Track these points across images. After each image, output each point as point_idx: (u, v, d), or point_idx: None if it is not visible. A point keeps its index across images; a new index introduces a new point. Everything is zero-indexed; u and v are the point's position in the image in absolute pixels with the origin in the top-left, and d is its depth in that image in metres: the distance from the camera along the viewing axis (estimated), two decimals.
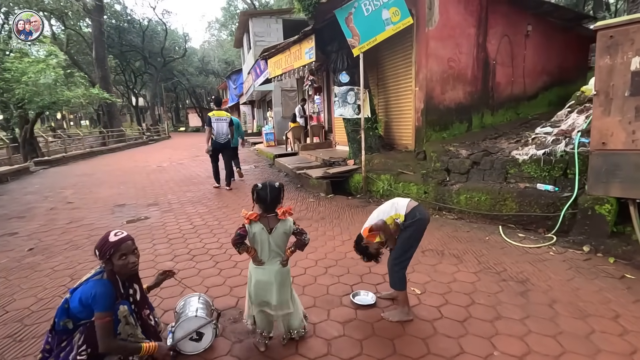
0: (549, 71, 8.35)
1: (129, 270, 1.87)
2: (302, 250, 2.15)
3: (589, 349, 2.01)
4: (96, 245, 1.83)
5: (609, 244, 3.26)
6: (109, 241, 1.80)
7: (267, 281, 2.04)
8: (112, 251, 1.79)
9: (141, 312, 1.98)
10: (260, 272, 2.06)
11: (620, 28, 3.01)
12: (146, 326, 1.99)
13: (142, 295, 2.04)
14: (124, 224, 4.91)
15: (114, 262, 1.81)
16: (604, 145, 3.22)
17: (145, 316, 2.01)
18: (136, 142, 22.67)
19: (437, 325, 2.29)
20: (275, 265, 2.07)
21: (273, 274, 2.05)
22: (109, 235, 1.84)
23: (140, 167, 11.30)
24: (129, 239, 1.87)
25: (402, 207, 2.29)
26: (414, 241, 2.31)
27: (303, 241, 2.10)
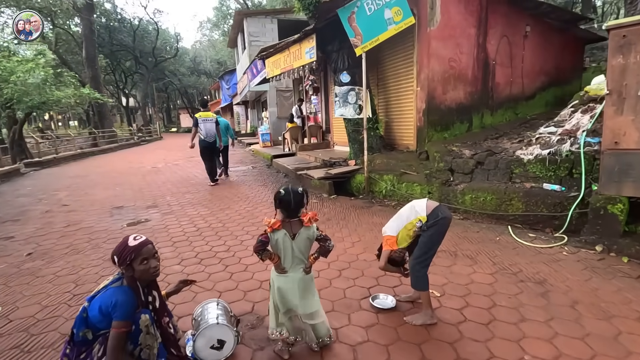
0: (546, 72, 8.43)
1: (151, 275, 1.78)
2: (325, 257, 2.07)
3: (619, 351, 1.98)
4: (114, 251, 1.73)
5: (621, 244, 3.27)
6: (129, 246, 1.71)
7: (290, 289, 1.97)
8: (132, 256, 1.70)
9: (160, 320, 1.89)
10: (283, 279, 1.99)
11: (633, 27, 3.01)
12: (165, 334, 1.90)
13: (161, 302, 1.95)
14: (124, 227, 4.78)
15: (135, 267, 1.72)
16: (617, 144, 3.23)
17: (165, 324, 1.92)
18: (128, 143, 22.30)
19: (462, 329, 2.25)
20: (298, 272, 1.99)
21: (296, 282, 1.98)
22: (128, 239, 1.75)
23: (135, 168, 11.09)
24: (149, 243, 1.79)
25: (422, 209, 2.24)
26: (436, 241, 2.26)
27: (327, 248, 2.03)
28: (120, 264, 1.71)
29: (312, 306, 2.01)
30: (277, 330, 2.03)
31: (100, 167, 11.65)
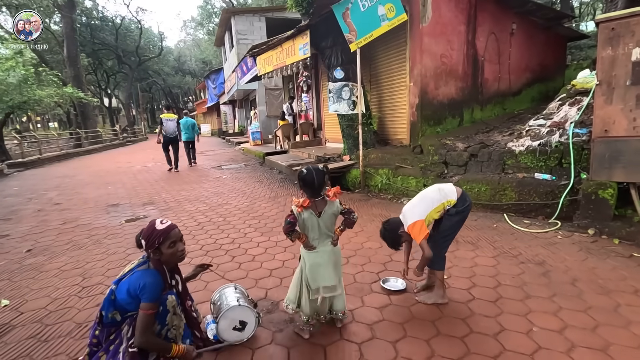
0: (532, 68, 8.71)
1: (178, 258, 1.81)
2: (351, 228, 2.14)
3: (621, 320, 2.11)
4: (142, 235, 1.75)
5: (612, 227, 3.44)
6: (157, 229, 1.73)
7: (322, 263, 2.04)
8: (161, 239, 1.72)
9: (184, 303, 1.92)
10: (314, 255, 2.05)
11: (621, 20, 3.18)
12: (189, 317, 1.93)
13: (184, 286, 1.98)
14: (123, 223, 4.72)
15: (163, 250, 1.74)
16: (607, 132, 3.40)
17: (188, 307, 1.95)
18: (113, 144, 21.82)
19: (472, 306, 2.35)
20: (327, 246, 2.07)
21: (327, 255, 2.05)
22: (155, 223, 1.77)
23: (124, 167, 10.90)
24: (175, 227, 1.81)
25: (452, 192, 2.30)
26: (460, 226, 2.37)
27: (352, 219, 2.10)
28: (149, 247, 1.72)
29: (337, 278, 2.10)
30: (289, 306, 2.11)
31: (88, 167, 11.40)
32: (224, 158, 12.41)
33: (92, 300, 2.63)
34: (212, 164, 10.73)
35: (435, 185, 2.41)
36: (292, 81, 12.42)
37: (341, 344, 2.04)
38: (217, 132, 30.69)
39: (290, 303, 2.14)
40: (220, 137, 27.29)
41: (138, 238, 1.78)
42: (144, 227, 1.78)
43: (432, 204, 2.27)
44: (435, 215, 2.28)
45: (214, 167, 10.16)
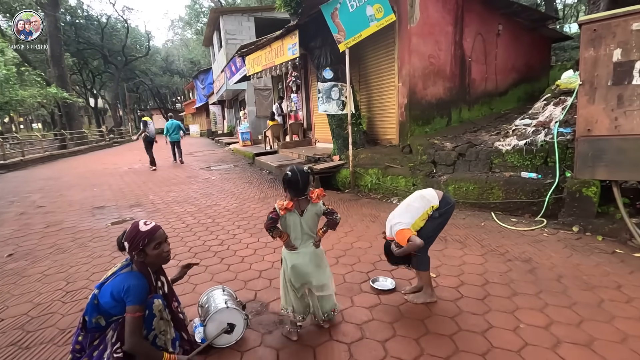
0: (518, 69, 8.85)
1: (163, 259, 1.79)
2: (334, 229, 2.14)
3: (605, 316, 2.15)
4: (125, 237, 1.71)
5: (596, 224, 3.51)
6: (142, 231, 1.70)
7: (302, 264, 2.02)
8: (146, 241, 1.69)
9: (171, 304, 1.89)
10: (295, 256, 2.04)
11: (603, 22, 3.25)
12: (176, 319, 1.90)
13: (170, 287, 1.95)
14: (109, 226, 4.63)
15: (149, 252, 1.71)
16: (590, 131, 3.47)
17: (175, 308, 1.91)
18: (99, 145, 21.43)
19: (461, 304, 2.36)
20: (309, 247, 2.06)
21: (308, 256, 2.04)
22: (139, 225, 1.74)
23: (111, 169, 10.71)
24: (160, 227, 1.79)
25: (434, 197, 2.32)
26: (442, 227, 2.38)
27: (334, 220, 2.10)
28: (133, 249, 1.69)
29: (323, 278, 2.08)
30: (289, 309, 2.08)
31: (74, 169, 11.17)
32: (213, 159, 12.30)
33: (76, 305, 2.56)
34: (201, 165, 10.62)
35: (417, 193, 2.42)
36: (281, 81, 12.38)
37: (330, 344, 2.03)
38: (206, 132, 30.40)
39: (287, 306, 2.10)
40: (209, 137, 27.06)
41: (120, 240, 1.74)
42: (127, 229, 1.74)
43: (417, 212, 2.28)
44: (421, 223, 2.30)
45: (203, 168, 10.06)
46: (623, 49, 3.19)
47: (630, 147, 3.26)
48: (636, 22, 3.08)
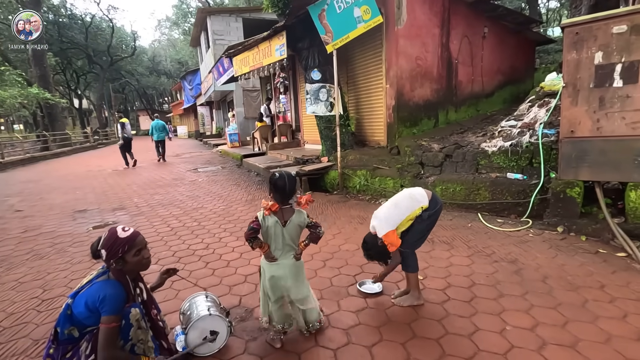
0: (503, 71, 8.98)
1: (143, 266, 1.73)
2: (316, 243, 2.08)
3: (589, 316, 2.17)
4: (102, 245, 1.64)
5: (580, 224, 3.56)
6: (121, 237, 1.64)
7: (281, 276, 1.97)
8: (125, 248, 1.63)
9: (150, 312, 1.82)
10: (274, 267, 1.99)
11: (585, 25, 3.30)
12: (156, 327, 1.83)
13: (149, 294, 1.88)
14: (91, 230, 4.50)
15: (128, 259, 1.65)
16: (573, 133, 3.51)
17: (154, 316, 1.85)
18: (83, 147, 20.95)
19: (447, 307, 2.35)
20: (289, 259, 2.01)
21: (287, 268, 1.99)
22: (117, 231, 1.67)
23: (95, 171, 10.46)
24: (139, 233, 1.72)
25: (423, 197, 2.29)
26: (430, 228, 2.36)
27: (317, 234, 2.04)
28: (111, 257, 1.62)
29: (302, 292, 2.03)
30: (263, 319, 2.04)
31: (56, 172, 10.87)
32: (201, 160, 12.15)
33: (52, 315, 2.46)
34: (188, 167, 10.47)
35: (406, 192, 2.38)
36: (269, 82, 12.30)
37: (316, 350, 1.99)
38: (194, 134, 30.05)
39: (263, 315, 2.07)
40: (197, 139, 26.74)
41: (95, 248, 1.66)
42: (104, 236, 1.67)
43: (405, 212, 2.25)
44: (407, 223, 2.28)
45: (190, 170, 9.91)
46: (604, 51, 3.24)
47: (612, 149, 3.31)
48: (616, 26, 3.14)
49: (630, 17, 3.07)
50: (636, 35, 3.06)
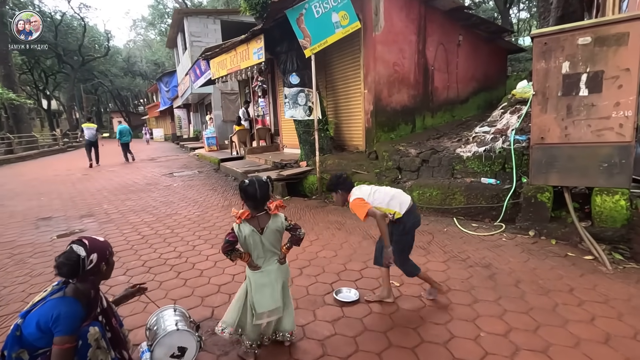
0: (477, 78, 9.24)
1: (110, 272, 1.72)
2: (298, 245, 2.04)
3: (559, 320, 2.21)
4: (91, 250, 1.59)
5: (550, 228, 3.67)
6: (103, 241, 1.67)
7: (267, 283, 1.91)
8: (110, 250, 1.66)
9: (110, 321, 1.73)
10: (259, 275, 1.92)
11: (552, 36, 3.41)
12: (117, 338, 1.75)
13: (108, 303, 1.79)
14: (54, 239, 4.26)
15: (111, 263, 1.68)
16: (543, 139, 3.62)
17: (115, 325, 1.75)
18: (52, 150, 20.01)
19: (423, 314, 2.35)
20: (273, 265, 1.95)
21: (273, 274, 1.94)
22: (95, 237, 1.66)
23: (63, 176, 9.98)
24: None
25: (401, 206, 2.35)
26: (411, 239, 2.47)
27: (298, 236, 2.00)
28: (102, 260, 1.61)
29: (287, 296, 2.00)
30: (227, 329, 1.96)
31: (20, 176, 10.30)
32: (177, 165, 11.83)
33: (6, 334, 2.28)
34: (163, 171, 10.16)
35: (396, 191, 2.46)
36: (248, 85, 12.16)
37: None
38: (170, 137, 29.32)
39: (226, 327, 1.97)
40: (174, 142, 26.10)
41: (76, 260, 1.54)
42: (87, 242, 1.60)
43: (383, 203, 2.32)
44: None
45: (164, 174, 9.62)
46: (571, 61, 3.36)
47: (579, 155, 3.43)
48: (581, 37, 3.26)
49: (593, 30, 3.20)
50: (600, 46, 3.19)
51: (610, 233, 3.31)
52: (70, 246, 1.60)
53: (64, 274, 1.55)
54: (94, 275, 1.62)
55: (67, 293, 1.55)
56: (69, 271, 1.55)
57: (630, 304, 2.34)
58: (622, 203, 3.28)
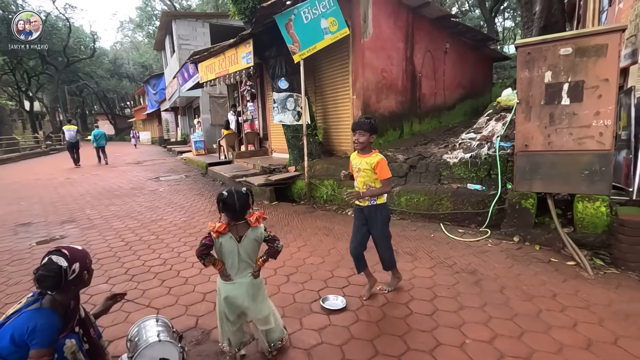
0: (464, 85, 9.41)
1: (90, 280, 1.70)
2: (274, 258, 2.01)
3: (542, 326, 2.24)
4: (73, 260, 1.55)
5: (534, 234, 3.73)
6: (82, 249, 1.63)
7: (237, 296, 1.87)
8: (89, 258, 1.63)
9: (88, 331, 1.68)
10: (230, 287, 1.89)
11: (535, 46, 3.50)
12: (95, 350, 1.70)
13: (86, 312, 1.74)
14: (34, 246, 4.13)
15: (90, 271, 1.64)
16: (527, 147, 3.69)
17: (93, 335, 1.70)
18: (34, 152, 19.50)
19: (410, 321, 2.34)
20: (246, 277, 1.91)
21: (244, 287, 1.89)
22: (74, 247, 1.62)
23: (45, 180, 9.71)
24: None
25: None
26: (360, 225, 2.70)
27: (276, 248, 1.96)
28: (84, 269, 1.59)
29: (263, 310, 1.94)
30: (224, 344, 1.94)
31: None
32: (164, 168, 11.66)
33: None
34: (149, 175, 9.99)
35: None
36: (237, 89, 12.10)
37: None
38: (157, 140, 28.91)
39: (224, 340, 1.96)
40: (161, 145, 25.75)
41: (60, 270, 1.50)
42: (67, 252, 1.56)
43: None
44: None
45: (150, 178, 9.46)
46: (553, 71, 3.45)
47: (561, 162, 3.51)
48: (563, 48, 3.35)
49: (574, 41, 3.29)
50: (580, 57, 3.28)
51: (592, 239, 3.39)
52: (49, 257, 1.54)
53: (46, 287, 1.50)
54: (76, 285, 1.59)
55: (44, 304, 1.50)
56: (52, 283, 1.50)
57: (610, 309, 2.39)
58: (602, 209, 3.36)
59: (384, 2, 6.60)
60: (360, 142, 2.53)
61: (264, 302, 1.98)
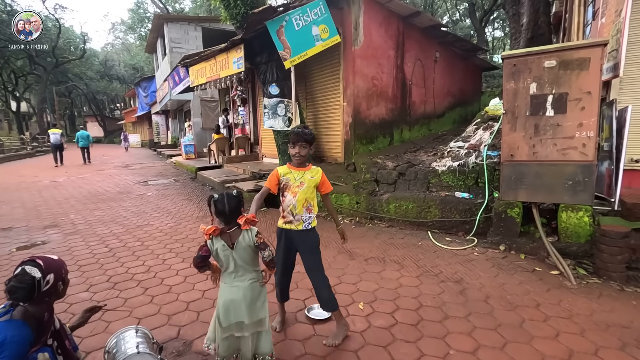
0: (453, 93, 9.53)
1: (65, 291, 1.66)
2: (269, 268, 1.97)
3: (525, 336, 2.25)
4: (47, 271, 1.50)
5: (519, 243, 3.77)
6: (57, 259, 1.58)
7: (236, 299, 1.85)
8: (65, 268, 1.59)
9: (63, 342, 1.64)
10: (229, 290, 1.87)
11: (521, 58, 3.56)
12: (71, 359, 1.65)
13: (60, 324, 1.70)
14: (13, 252, 4.02)
15: (67, 282, 1.60)
16: (512, 157, 3.74)
17: (68, 347, 1.65)
18: (19, 154, 19.10)
19: (395, 332, 2.34)
20: (244, 281, 1.89)
21: (242, 291, 1.87)
22: (49, 257, 1.58)
23: (28, 182, 9.50)
24: None
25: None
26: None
27: (264, 258, 1.94)
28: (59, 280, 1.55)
29: (259, 314, 1.92)
30: (211, 345, 1.91)
31: None
32: (152, 172, 11.52)
33: None
34: (137, 179, 9.86)
35: None
36: (228, 93, 12.07)
37: None
38: (148, 143, 28.60)
39: (210, 343, 1.94)
40: (151, 148, 25.48)
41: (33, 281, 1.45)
42: (42, 262, 1.51)
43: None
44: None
45: (138, 182, 9.33)
46: (538, 83, 3.51)
47: (545, 172, 3.56)
48: (547, 60, 3.41)
49: (558, 54, 3.36)
50: (564, 70, 3.35)
51: (575, 248, 3.44)
52: (22, 267, 1.50)
53: (18, 299, 1.46)
54: (50, 297, 1.55)
55: (15, 316, 1.45)
56: (24, 295, 1.46)
57: (592, 320, 2.42)
58: (585, 219, 3.42)
59: (375, 10, 6.67)
60: (302, 156, 2.30)
61: (263, 307, 1.96)
